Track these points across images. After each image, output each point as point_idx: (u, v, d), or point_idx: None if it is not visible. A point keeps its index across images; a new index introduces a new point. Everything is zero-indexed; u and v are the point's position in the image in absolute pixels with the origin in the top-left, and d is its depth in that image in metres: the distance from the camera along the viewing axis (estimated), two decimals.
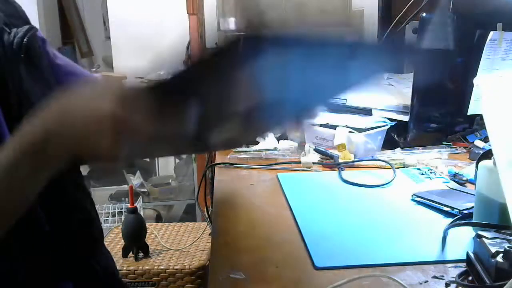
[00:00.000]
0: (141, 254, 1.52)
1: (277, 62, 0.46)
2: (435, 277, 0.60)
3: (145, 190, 2.61)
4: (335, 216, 0.81)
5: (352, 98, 1.26)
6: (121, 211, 2.09)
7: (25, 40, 0.70)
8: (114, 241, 1.65)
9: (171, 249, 1.57)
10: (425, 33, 1.15)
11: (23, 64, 0.70)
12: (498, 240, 0.57)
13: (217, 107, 0.48)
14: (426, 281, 0.59)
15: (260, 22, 0.43)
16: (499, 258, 0.54)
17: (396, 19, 1.61)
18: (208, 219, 1.35)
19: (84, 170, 1.75)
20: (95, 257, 0.72)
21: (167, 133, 0.47)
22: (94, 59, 4.90)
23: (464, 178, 0.94)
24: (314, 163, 1.10)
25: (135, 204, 1.56)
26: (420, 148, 1.18)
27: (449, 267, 0.63)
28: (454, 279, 0.59)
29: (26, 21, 0.76)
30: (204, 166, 1.68)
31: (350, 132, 1.11)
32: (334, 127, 1.14)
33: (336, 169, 1.05)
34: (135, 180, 2.61)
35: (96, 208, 0.80)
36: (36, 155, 0.46)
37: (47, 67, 0.77)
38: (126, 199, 2.58)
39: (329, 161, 1.11)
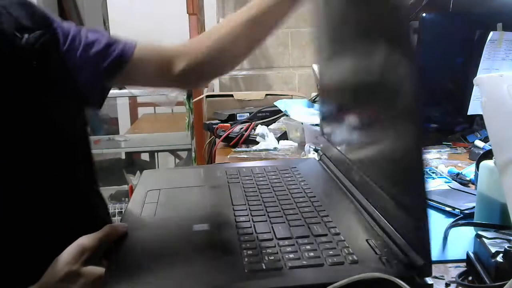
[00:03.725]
0: None
1: None
2: (435, 277, 0.60)
3: None
4: None
5: None
6: (121, 211, 2.09)
7: (36, 46, 0.70)
8: None
9: None
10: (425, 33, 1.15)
11: (37, 71, 0.70)
12: (498, 240, 0.57)
13: None
14: None
15: None
16: (499, 258, 0.54)
17: None
18: None
19: None
20: None
21: None
22: None
23: (467, 178, 0.94)
24: None
25: None
26: None
27: (449, 267, 0.63)
28: (454, 279, 0.59)
29: (45, 24, 0.75)
30: None
31: None
32: None
33: None
34: (135, 180, 2.61)
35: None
36: None
37: (64, 73, 0.77)
38: (126, 199, 2.58)
39: None
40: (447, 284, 0.58)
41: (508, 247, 0.54)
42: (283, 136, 1.32)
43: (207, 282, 0.51)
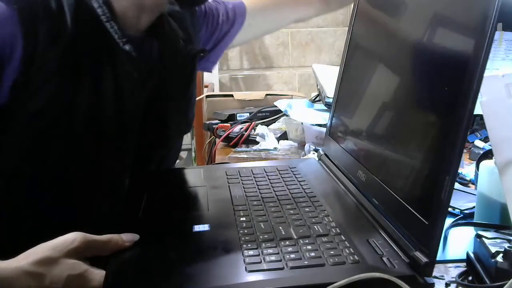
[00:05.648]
0: None
1: None
2: (435, 277, 0.60)
3: None
4: None
5: None
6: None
7: (194, 59, 0.86)
8: None
9: None
10: None
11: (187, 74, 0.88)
12: (498, 240, 0.57)
13: None
14: None
15: None
16: (499, 258, 0.54)
17: None
18: None
19: None
20: None
21: None
22: None
23: (467, 178, 0.94)
24: None
25: None
26: None
27: (449, 267, 0.63)
28: (454, 279, 0.59)
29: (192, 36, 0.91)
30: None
31: None
32: None
33: None
34: None
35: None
36: None
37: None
38: None
39: None
40: (447, 284, 0.58)
41: (508, 247, 0.54)
42: (283, 136, 1.32)
43: (208, 283, 0.51)
